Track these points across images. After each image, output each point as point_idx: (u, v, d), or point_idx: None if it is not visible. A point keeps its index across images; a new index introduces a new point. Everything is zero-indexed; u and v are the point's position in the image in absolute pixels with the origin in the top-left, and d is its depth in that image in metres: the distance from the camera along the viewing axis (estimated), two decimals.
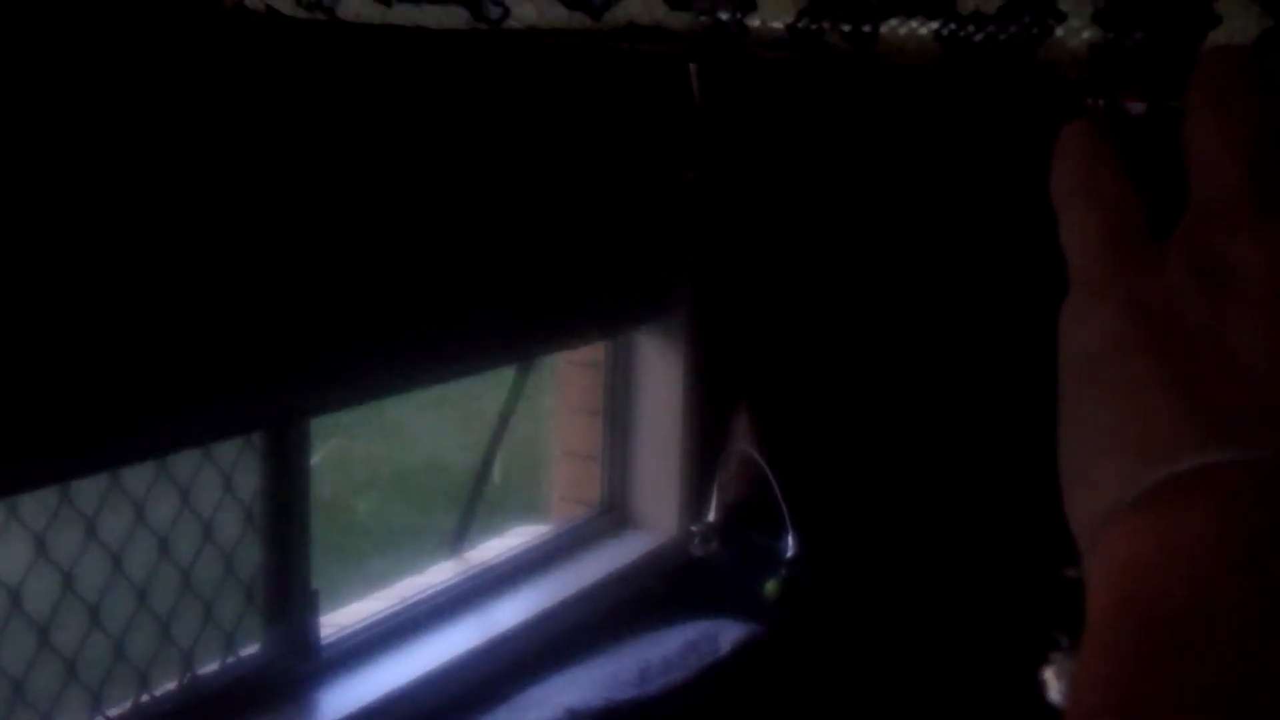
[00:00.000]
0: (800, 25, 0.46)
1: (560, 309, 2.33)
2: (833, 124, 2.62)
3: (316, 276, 1.83)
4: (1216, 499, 0.37)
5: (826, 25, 0.46)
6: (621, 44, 0.48)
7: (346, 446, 3.56)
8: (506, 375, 2.49)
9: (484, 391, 2.49)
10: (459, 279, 2.07)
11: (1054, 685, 2.19)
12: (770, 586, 2.58)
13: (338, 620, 2.15)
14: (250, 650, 2.00)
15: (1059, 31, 0.44)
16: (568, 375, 2.68)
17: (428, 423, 4.09)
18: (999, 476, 2.48)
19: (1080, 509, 0.41)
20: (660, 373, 2.62)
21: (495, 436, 2.54)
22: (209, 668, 1.94)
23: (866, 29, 0.46)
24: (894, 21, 0.45)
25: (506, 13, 0.48)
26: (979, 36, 0.44)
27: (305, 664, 2.04)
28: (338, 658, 2.10)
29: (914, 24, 0.45)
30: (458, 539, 2.47)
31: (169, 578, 1.89)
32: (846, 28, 0.45)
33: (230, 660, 1.97)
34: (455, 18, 0.48)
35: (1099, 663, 0.37)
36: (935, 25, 0.45)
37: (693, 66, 2.45)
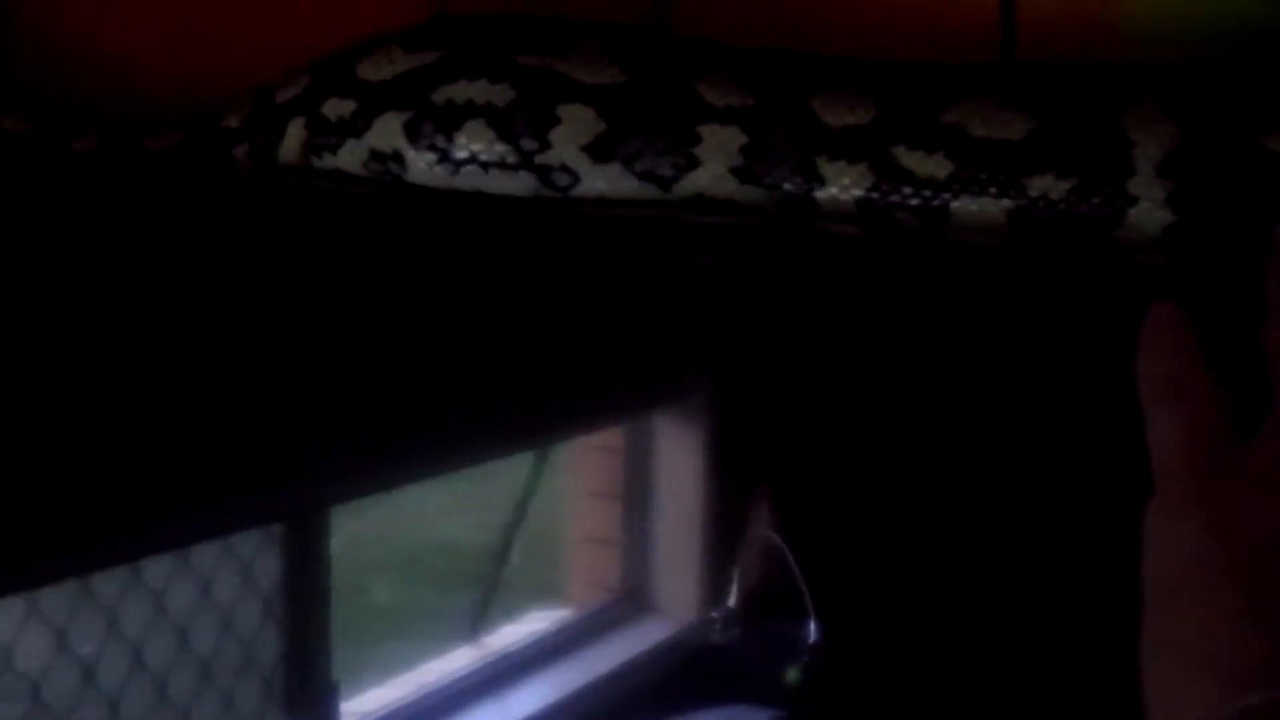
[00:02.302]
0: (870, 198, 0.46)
1: (577, 394, 2.32)
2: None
3: (333, 367, 1.83)
4: None
5: (896, 199, 0.46)
6: (690, 215, 0.48)
7: (358, 525, 3.55)
8: (520, 454, 2.49)
9: (496, 468, 2.48)
10: (476, 366, 2.07)
11: None
12: (791, 673, 2.56)
13: (357, 708, 2.13)
14: None
15: (1132, 213, 0.44)
16: (586, 459, 2.67)
17: (438, 500, 4.06)
18: (1026, 562, 2.46)
19: None
20: (679, 456, 2.61)
21: (513, 521, 2.54)
22: None
23: (937, 204, 0.46)
24: (966, 198, 0.45)
25: (576, 180, 0.48)
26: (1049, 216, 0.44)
27: None
28: None
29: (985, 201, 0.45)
30: (476, 624, 2.45)
31: (189, 669, 1.88)
32: (916, 202, 0.45)
33: None
34: (523, 184, 0.48)
35: None
36: (1006, 203, 0.45)
37: None
